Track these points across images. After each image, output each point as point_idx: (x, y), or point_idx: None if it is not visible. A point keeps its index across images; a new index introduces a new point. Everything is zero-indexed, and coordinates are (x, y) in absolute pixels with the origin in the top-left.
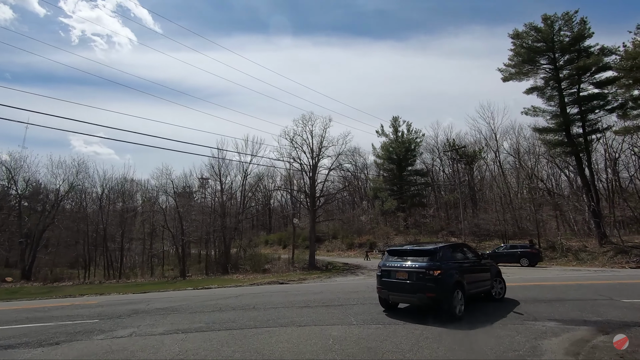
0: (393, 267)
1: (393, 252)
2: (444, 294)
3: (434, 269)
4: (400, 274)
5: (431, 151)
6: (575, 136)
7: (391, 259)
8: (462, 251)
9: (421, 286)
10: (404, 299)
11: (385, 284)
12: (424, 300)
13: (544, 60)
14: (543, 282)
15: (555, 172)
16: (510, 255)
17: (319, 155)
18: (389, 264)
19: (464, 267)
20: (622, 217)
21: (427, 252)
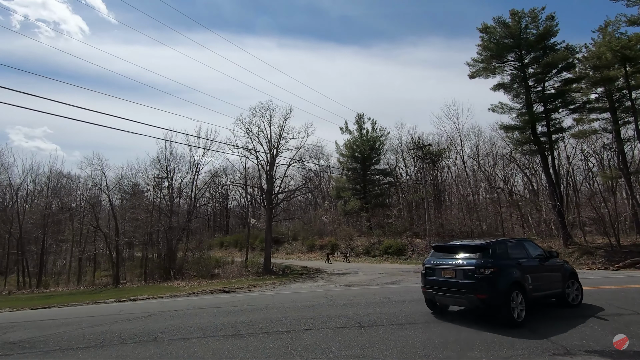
0: (438, 265)
1: (439, 249)
2: (498, 295)
3: (485, 267)
4: (447, 272)
5: (395, 152)
6: (540, 135)
7: (437, 256)
8: (523, 247)
9: (471, 286)
10: (451, 300)
11: (430, 283)
12: (475, 302)
13: (512, 56)
14: None
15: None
16: None
17: (278, 148)
18: (434, 261)
19: (525, 266)
20: (583, 218)
21: (478, 248)
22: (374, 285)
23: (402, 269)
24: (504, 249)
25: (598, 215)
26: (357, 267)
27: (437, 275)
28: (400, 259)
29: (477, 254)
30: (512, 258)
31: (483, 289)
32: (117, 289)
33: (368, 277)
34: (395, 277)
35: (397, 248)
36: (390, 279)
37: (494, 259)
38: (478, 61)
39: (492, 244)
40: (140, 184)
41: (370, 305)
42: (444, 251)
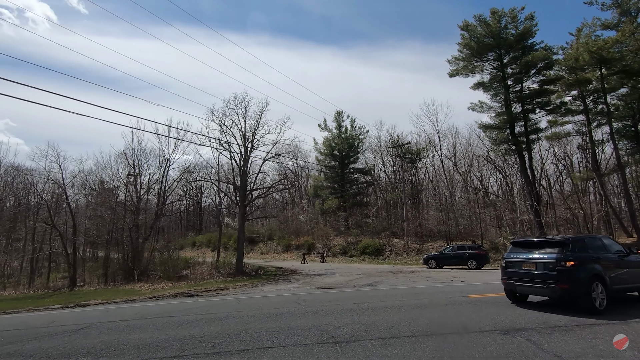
0: (519, 259)
1: (518, 244)
2: (579, 285)
3: (566, 260)
4: (527, 265)
5: (374, 151)
6: (518, 134)
7: (516, 251)
8: (602, 243)
9: (553, 277)
10: (532, 290)
11: (511, 275)
12: (557, 292)
13: (492, 55)
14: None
15: (491, 174)
16: (458, 257)
17: (253, 142)
18: (513, 255)
19: (605, 260)
20: (559, 219)
21: (558, 243)
22: (352, 287)
23: (380, 270)
24: (582, 245)
25: (573, 215)
26: (334, 267)
27: (518, 267)
28: (378, 259)
29: (557, 249)
30: (591, 252)
31: (565, 279)
32: (72, 292)
33: (345, 279)
34: (373, 279)
35: (375, 248)
36: (369, 280)
37: (573, 253)
38: (458, 59)
39: (571, 239)
40: (105, 179)
41: (347, 313)
42: (523, 246)
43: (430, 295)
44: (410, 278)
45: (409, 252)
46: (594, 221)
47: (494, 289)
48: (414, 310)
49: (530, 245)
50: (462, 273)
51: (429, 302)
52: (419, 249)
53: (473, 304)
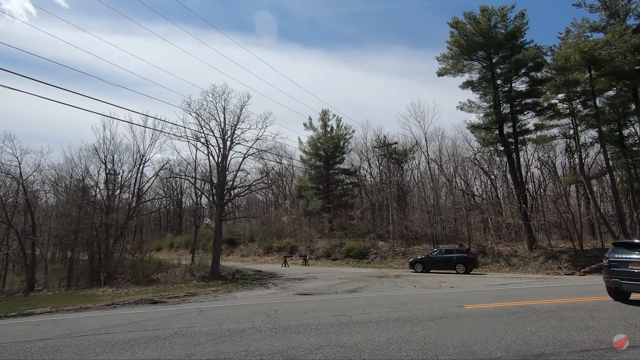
0: (624, 259)
1: (622, 245)
2: None
3: None
4: (634, 265)
5: (360, 152)
6: (507, 135)
7: (619, 251)
8: None
9: None
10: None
11: (615, 274)
12: None
13: (481, 54)
14: (521, 302)
15: (476, 177)
16: (446, 261)
17: (232, 137)
18: (617, 255)
19: None
20: (548, 222)
21: None
22: (333, 293)
23: (365, 274)
24: None
25: (562, 218)
26: (317, 271)
27: (624, 267)
28: (363, 263)
29: None
30: None
31: None
32: (25, 298)
33: (327, 284)
34: (357, 284)
35: (360, 251)
36: (352, 286)
37: None
38: (447, 57)
39: None
40: (75, 176)
41: (323, 330)
42: (628, 247)
43: (420, 305)
44: (396, 283)
45: (394, 256)
46: (581, 225)
47: (490, 298)
48: (404, 325)
49: (635, 247)
50: (451, 278)
51: (420, 314)
52: (404, 252)
53: (472, 318)
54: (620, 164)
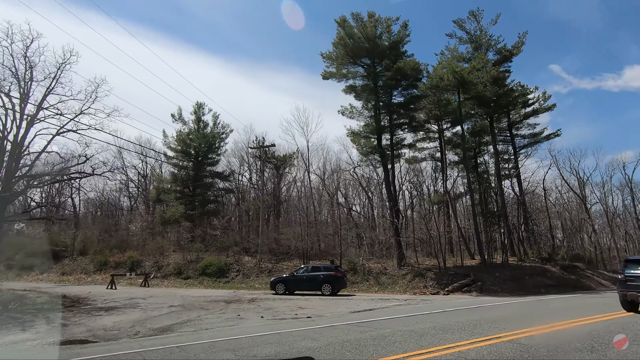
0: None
1: (633, 261)
2: None
3: None
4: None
5: (240, 157)
6: (385, 147)
7: (633, 267)
8: None
9: None
10: None
11: (632, 287)
12: None
13: (366, 60)
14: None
15: (356, 194)
16: (312, 280)
17: (41, 105)
18: (632, 271)
19: None
20: (416, 239)
21: None
22: (130, 337)
23: (213, 297)
24: None
25: (429, 236)
26: (152, 294)
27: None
28: (220, 282)
29: None
30: None
31: None
32: None
33: (143, 316)
34: (187, 315)
35: (219, 268)
36: (177, 319)
37: None
38: (332, 57)
39: None
40: None
41: None
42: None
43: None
44: (242, 312)
45: (259, 273)
46: (446, 243)
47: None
48: None
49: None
50: (314, 302)
51: None
52: (271, 269)
53: None
54: (474, 189)
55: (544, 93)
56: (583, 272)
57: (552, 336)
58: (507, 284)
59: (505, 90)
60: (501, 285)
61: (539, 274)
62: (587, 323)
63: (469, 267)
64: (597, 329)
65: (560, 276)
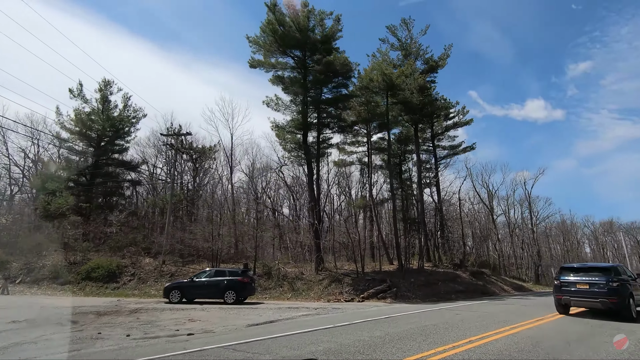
0: (573, 280)
1: (568, 269)
2: (622, 300)
3: (614, 281)
4: (581, 285)
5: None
6: (311, 145)
7: (567, 274)
8: (626, 271)
9: (604, 294)
10: (587, 303)
11: (566, 292)
12: (607, 304)
13: (297, 53)
14: None
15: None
16: (214, 287)
17: None
18: (565, 278)
19: (631, 283)
20: (336, 242)
21: (605, 269)
22: None
23: (86, 307)
24: (619, 270)
25: (350, 239)
26: (3, 303)
27: (572, 287)
28: (108, 288)
29: (605, 272)
30: (624, 276)
31: (613, 295)
32: None
33: None
34: (24, 335)
35: (109, 271)
36: (4, 342)
37: (616, 276)
38: (260, 44)
39: (615, 266)
40: None
41: None
42: (573, 270)
43: None
44: (108, 328)
45: (159, 278)
46: (366, 247)
47: None
48: None
49: (581, 270)
50: (212, 312)
51: None
52: (175, 273)
53: None
54: (397, 195)
55: (463, 108)
56: (489, 277)
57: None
58: (422, 290)
59: (430, 99)
60: (415, 292)
61: (451, 279)
62: (499, 337)
63: (387, 273)
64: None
65: (469, 282)
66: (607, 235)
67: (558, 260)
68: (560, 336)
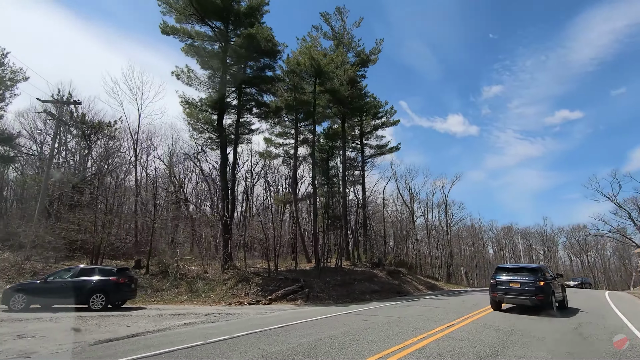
0: (506, 279)
1: (502, 269)
2: (547, 297)
3: (541, 280)
4: (514, 284)
5: (46, 121)
6: (227, 127)
7: (501, 273)
8: (547, 271)
9: (533, 291)
10: (517, 300)
11: (500, 290)
12: (535, 301)
13: (219, 24)
14: None
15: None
16: (77, 289)
17: None
18: (499, 277)
19: (551, 281)
20: (249, 238)
21: (533, 269)
22: None
23: None
24: (544, 271)
25: (265, 235)
26: None
27: (506, 285)
28: None
29: (533, 272)
30: (547, 276)
31: (540, 293)
32: None
33: None
34: None
35: None
36: None
37: (543, 276)
38: (170, 3)
39: (540, 267)
40: None
41: None
42: (506, 270)
43: None
44: None
45: (15, 277)
46: (284, 243)
47: None
48: None
49: (513, 270)
50: (62, 323)
51: None
52: (40, 271)
53: None
54: (324, 192)
55: (391, 108)
56: (405, 277)
57: None
58: (336, 290)
59: (359, 93)
60: (329, 292)
61: (368, 279)
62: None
63: (303, 272)
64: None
65: (385, 281)
66: (506, 239)
67: (467, 260)
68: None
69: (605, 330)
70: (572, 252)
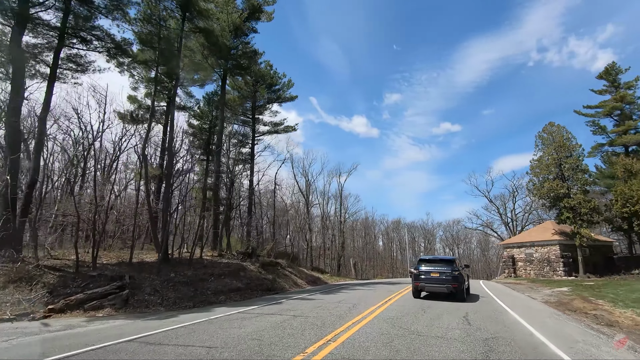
0: (427, 269)
1: (423, 261)
2: (460, 285)
3: (456, 270)
4: (434, 274)
5: None
6: (33, 50)
7: (422, 264)
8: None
9: (449, 281)
10: (436, 288)
11: (421, 280)
12: (450, 289)
13: None
14: None
15: None
16: None
17: None
18: (421, 267)
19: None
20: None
21: (449, 261)
22: None
23: None
24: (456, 262)
25: (77, 215)
26: None
27: (426, 275)
28: None
29: (449, 263)
30: (460, 267)
31: (455, 282)
32: None
33: None
34: None
35: None
36: None
37: (456, 266)
38: None
39: (454, 259)
40: None
41: None
42: (426, 262)
43: None
44: None
45: None
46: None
47: None
48: None
49: (431, 261)
50: None
51: None
52: None
53: None
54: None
55: (289, 81)
56: (283, 269)
57: None
58: (178, 291)
59: (247, 49)
60: (166, 294)
61: (232, 273)
62: None
63: (139, 265)
64: None
65: (256, 276)
66: (395, 231)
67: (359, 252)
68: None
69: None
70: (447, 244)
